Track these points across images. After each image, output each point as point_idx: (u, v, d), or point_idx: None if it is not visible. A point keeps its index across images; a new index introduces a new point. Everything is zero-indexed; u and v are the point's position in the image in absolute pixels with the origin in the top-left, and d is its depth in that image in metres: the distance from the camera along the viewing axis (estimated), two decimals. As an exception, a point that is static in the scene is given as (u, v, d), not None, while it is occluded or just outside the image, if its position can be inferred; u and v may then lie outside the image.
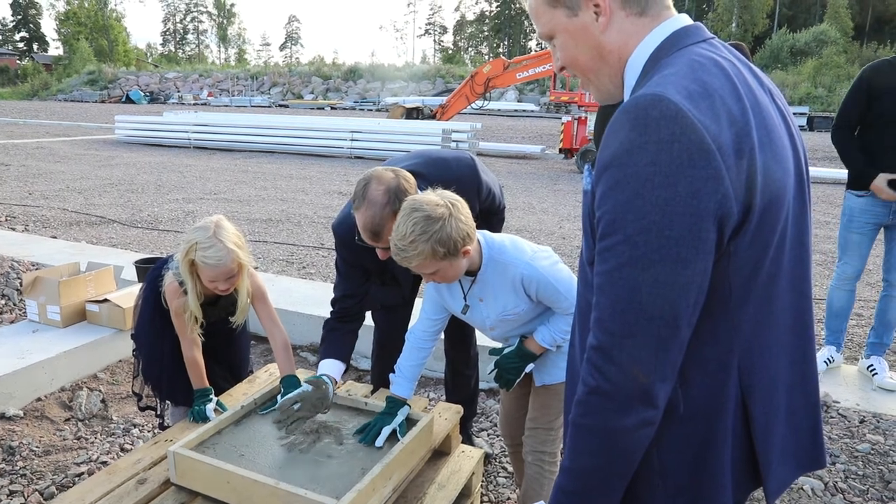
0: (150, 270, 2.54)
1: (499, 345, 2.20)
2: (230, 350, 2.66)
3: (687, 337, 0.96)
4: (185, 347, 2.39)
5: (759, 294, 1.02)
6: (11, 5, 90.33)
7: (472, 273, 1.99)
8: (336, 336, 2.35)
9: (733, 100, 0.95)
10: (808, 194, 1.10)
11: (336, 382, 2.24)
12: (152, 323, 2.49)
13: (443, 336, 2.58)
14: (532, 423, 2.18)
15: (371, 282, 2.45)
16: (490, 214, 2.62)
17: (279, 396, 2.24)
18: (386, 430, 2.08)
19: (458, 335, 2.82)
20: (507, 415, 2.42)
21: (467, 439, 2.81)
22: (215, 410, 2.34)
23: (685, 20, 1.08)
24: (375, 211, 2.01)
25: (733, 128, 0.93)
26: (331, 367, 2.26)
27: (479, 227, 1.97)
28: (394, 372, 2.22)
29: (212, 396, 2.38)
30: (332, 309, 2.41)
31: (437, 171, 2.35)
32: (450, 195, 1.84)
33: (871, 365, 3.60)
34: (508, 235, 2.06)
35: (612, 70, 1.11)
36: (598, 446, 1.00)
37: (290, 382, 2.26)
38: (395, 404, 2.15)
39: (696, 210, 0.90)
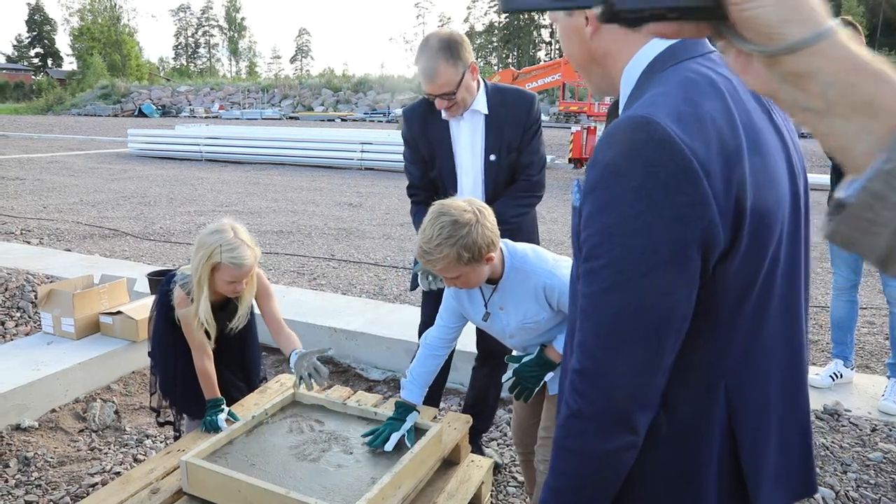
0: (161, 285, 2.57)
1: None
2: (243, 355, 2.68)
3: (669, 363, 0.95)
4: (197, 358, 2.41)
5: (748, 320, 1.01)
6: (27, 22, 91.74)
7: (493, 281, 2.00)
8: (424, 210, 2.52)
9: (726, 122, 0.93)
10: (804, 216, 1.08)
11: None
12: (165, 337, 2.53)
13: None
14: (545, 432, 2.18)
15: (429, 177, 2.67)
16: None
17: (294, 358, 2.34)
18: (395, 436, 2.10)
19: (492, 361, 2.81)
20: (519, 423, 2.42)
21: (477, 449, 2.82)
22: (227, 420, 2.36)
23: None
24: (431, 55, 2.34)
25: (723, 153, 0.91)
26: None
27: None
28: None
29: (223, 406, 2.41)
30: (410, 197, 2.79)
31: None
32: (478, 202, 1.88)
33: (887, 386, 3.53)
34: (529, 245, 2.07)
35: (603, 72, 1.10)
36: (579, 468, 1.00)
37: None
38: (404, 410, 2.16)
39: (682, 236, 0.88)
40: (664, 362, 0.94)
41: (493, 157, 2.55)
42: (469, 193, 2.59)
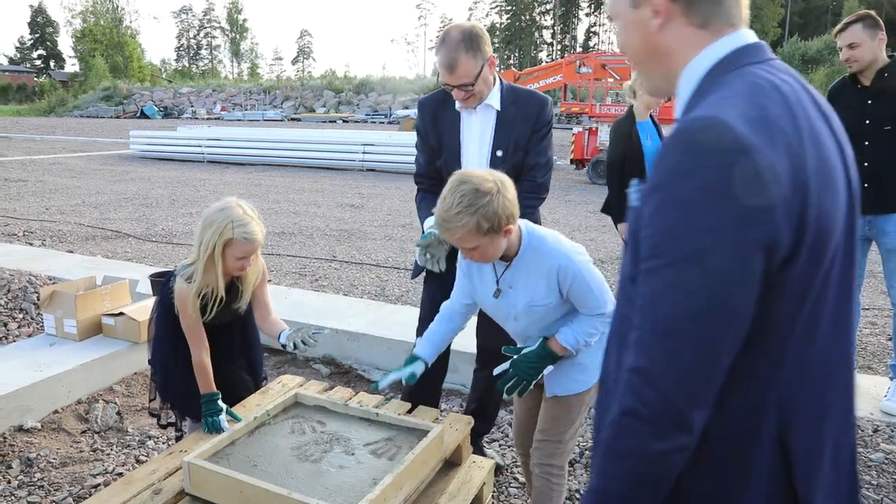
0: (161, 287, 2.56)
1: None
2: (246, 343, 2.66)
3: (727, 365, 0.94)
4: (195, 352, 2.39)
5: (803, 330, 0.99)
6: (30, 24, 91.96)
7: (507, 259, 2.00)
8: (429, 198, 2.62)
9: (791, 128, 0.93)
10: (856, 228, 1.07)
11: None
12: (166, 337, 2.52)
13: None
14: (541, 434, 2.17)
15: (435, 165, 2.69)
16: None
17: (286, 336, 2.44)
18: (393, 375, 2.12)
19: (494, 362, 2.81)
20: (520, 426, 2.41)
21: (478, 450, 2.82)
22: (228, 420, 2.37)
23: (748, 37, 1.05)
24: (452, 46, 2.37)
25: (790, 158, 0.91)
26: (432, 230, 2.47)
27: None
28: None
29: (220, 403, 2.39)
30: (417, 184, 2.81)
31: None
32: (499, 174, 1.87)
33: (890, 387, 3.53)
34: (548, 229, 2.06)
35: (663, 70, 1.09)
36: (630, 470, 0.98)
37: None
38: (411, 359, 2.17)
39: (745, 239, 0.88)
40: (722, 363, 0.93)
41: (499, 154, 2.56)
42: None
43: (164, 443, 3.21)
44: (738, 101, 0.93)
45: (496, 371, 2.09)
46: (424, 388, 2.74)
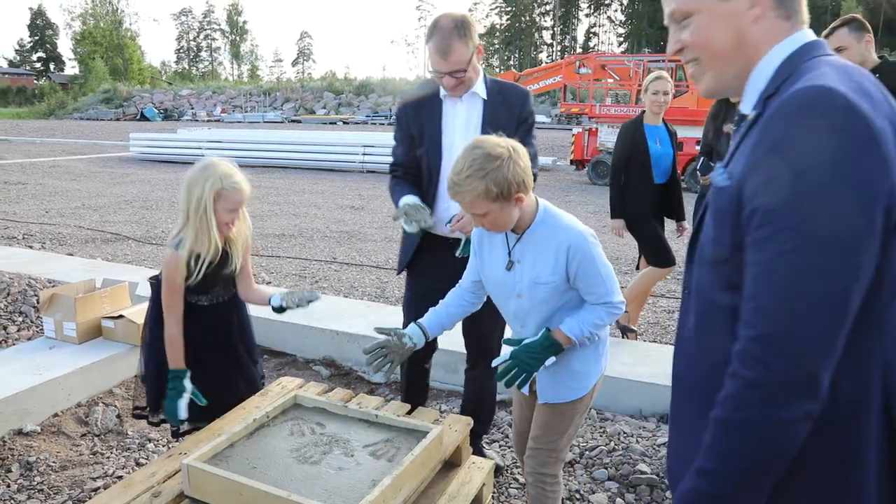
0: (153, 287, 2.56)
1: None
2: (242, 326, 2.67)
3: (849, 325, 0.95)
4: (169, 324, 2.39)
5: None
6: (29, 26, 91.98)
7: (519, 232, 1.97)
8: (402, 182, 2.70)
9: (885, 103, 0.99)
10: None
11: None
12: (161, 338, 2.50)
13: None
14: (533, 442, 2.13)
15: (413, 154, 2.71)
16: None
17: (279, 299, 2.58)
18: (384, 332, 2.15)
19: (484, 359, 2.83)
20: (519, 432, 2.37)
21: (477, 451, 2.82)
22: (192, 402, 2.40)
23: (812, 34, 1.10)
24: (445, 33, 2.40)
25: (891, 125, 0.96)
26: (412, 198, 2.54)
27: None
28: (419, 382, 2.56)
29: (186, 383, 2.38)
30: (391, 174, 2.82)
31: None
32: (513, 142, 1.86)
33: None
34: (566, 212, 2.04)
35: (742, 63, 1.11)
36: (754, 442, 0.97)
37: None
38: (413, 328, 2.17)
39: (869, 196, 0.91)
40: (848, 323, 0.94)
41: None
42: None
43: (163, 445, 3.21)
44: (835, 76, 0.97)
45: (495, 362, 2.04)
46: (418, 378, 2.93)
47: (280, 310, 2.57)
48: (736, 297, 1.05)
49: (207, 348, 2.51)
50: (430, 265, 2.74)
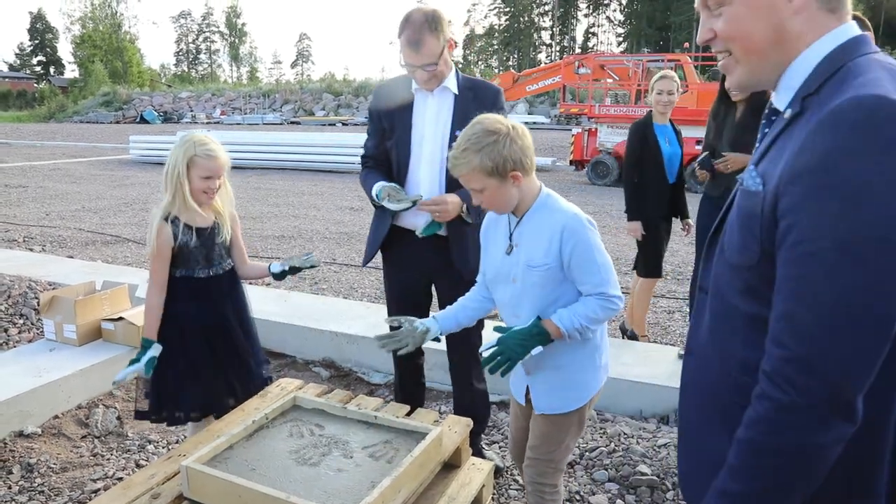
0: None
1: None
2: (239, 303, 2.72)
3: (888, 349, 0.91)
4: (151, 293, 2.52)
5: None
6: (29, 30, 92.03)
7: (520, 216, 1.99)
8: (374, 172, 2.82)
9: None
10: None
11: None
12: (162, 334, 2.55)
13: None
14: (531, 452, 2.11)
15: (384, 147, 2.82)
16: None
17: (279, 265, 2.67)
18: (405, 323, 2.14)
19: (463, 349, 2.85)
20: (514, 441, 2.33)
21: (477, 452, 2.82)
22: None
23: (858, 28, 1.04)
24: (416, 27, 2.45)
25: None
26: (384, 185, 2.64)
27: None
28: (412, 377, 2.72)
29: (150, 353, 2.48)
30: (363, 165, 2.97)
31: None
32: (518, 123, 1.90)
33: None
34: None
35: (777, 59, 1.05)
36: (786, 466, 0.94)
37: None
38: (426, 319, 2.18)
39: None
40: (887, 349, 0.91)
41: (458, 133, 2.61)
42: (428, 165, 2.67)
43: (163, 447, 3.21)
44: (889, 82, 0.92)
45: (482, 349, 2.00)
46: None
47: (281, 276, 2.66)
48: (755, 304, 1.02)
49: (202, 323, 2.58)
50: (399, 257, 2.85)
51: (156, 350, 2.51)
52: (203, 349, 2.58)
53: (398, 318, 2.19)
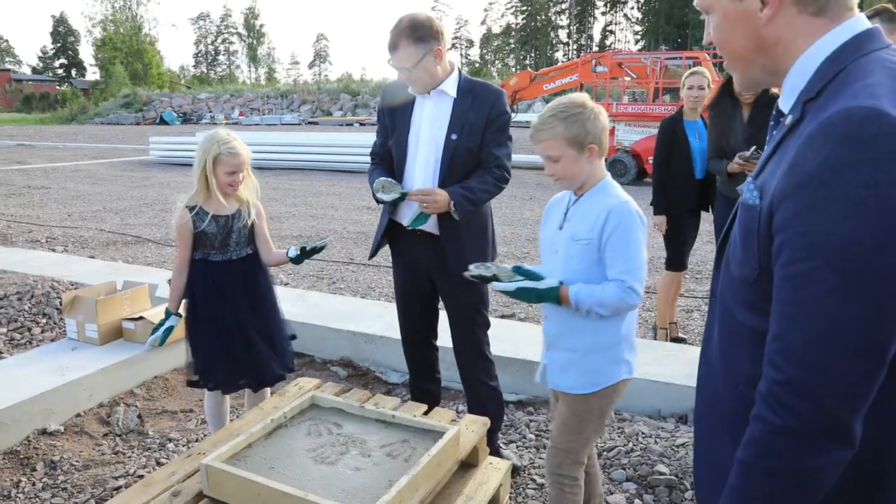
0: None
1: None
2: (257, 291, 2.86)
3: (885, 372, 0.88)
4: (175, 272, 2.78)
5: None
6: (52, 34, 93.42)
7: (580, 195, 2.06)
8: (378, 167, 2.90)
9: None
10: None
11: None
12: (192, 312, 2.77)
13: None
14: (551, 440, 2.14)
15: (388, 147, 2.87)
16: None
17: (294, 249, 2.78)
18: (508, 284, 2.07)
19: (467, 349, 2.90)
20: None
21: (494, 451, 2.82)
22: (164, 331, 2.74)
23: (865, 22, 1.00)
24: (397, 31, 2.53)
25: None
26: (386, 177, 2.70)
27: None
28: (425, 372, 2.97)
29: (168, 322, 2.75)
30: (371, 161, 3.01)
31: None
32: (599, 106, 1.99)
33: None
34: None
35: (769, 63, 1.05)
36: (781, 489, 0.93)
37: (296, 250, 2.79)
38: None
39: None
40: (884, 371, 0.88)
41: (454, 137, 2.67)
42: (423, 166, 2.71)
43: (183, 445, 3.24)
44: (886, 89, 0.88)
45: (499, 286, 2.07)
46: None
47: (298, 259, 2.78)
48: (757, 319, 1.00)
49: (214, 302, 2.75)
50: (401, 254, 2.96)
51: (173, 321, 2.78)
52: (213, 327, 2.75)
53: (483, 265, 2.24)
